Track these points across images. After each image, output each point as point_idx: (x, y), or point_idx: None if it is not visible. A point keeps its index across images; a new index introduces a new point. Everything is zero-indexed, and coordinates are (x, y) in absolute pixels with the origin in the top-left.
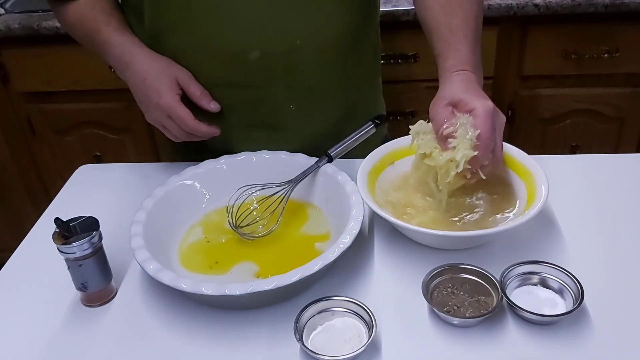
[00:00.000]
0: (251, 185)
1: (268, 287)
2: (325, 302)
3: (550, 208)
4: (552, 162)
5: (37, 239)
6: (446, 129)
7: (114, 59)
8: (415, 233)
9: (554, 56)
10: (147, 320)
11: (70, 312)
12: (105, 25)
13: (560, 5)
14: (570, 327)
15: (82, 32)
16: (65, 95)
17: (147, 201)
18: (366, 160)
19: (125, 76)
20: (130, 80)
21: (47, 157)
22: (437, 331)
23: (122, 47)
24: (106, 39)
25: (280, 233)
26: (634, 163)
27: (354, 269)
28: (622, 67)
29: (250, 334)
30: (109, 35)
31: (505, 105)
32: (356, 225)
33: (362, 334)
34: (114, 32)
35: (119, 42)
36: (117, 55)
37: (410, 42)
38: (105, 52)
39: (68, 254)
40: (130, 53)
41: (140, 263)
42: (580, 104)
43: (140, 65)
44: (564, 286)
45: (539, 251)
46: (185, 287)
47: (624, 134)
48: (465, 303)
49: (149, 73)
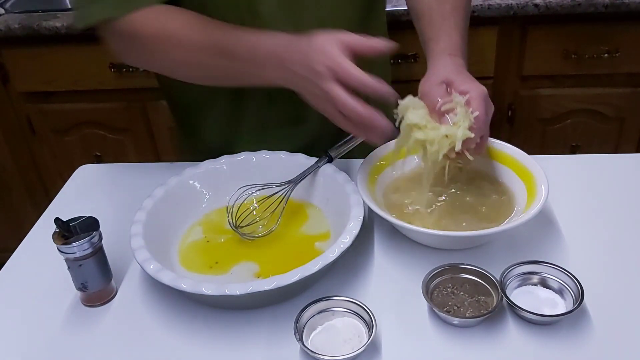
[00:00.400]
0: (251, 185)
1: (268, 287)
2: (325, 302)
3: (550, 208)
4: (552, 162)
5: (37, 239)
6: (444, 105)
7: (261, 60)
8: (415, 233)
9: (554, 56)
10: (147, 320)
11: (70, 312)
12: (232, 36)
13: (560, 5)
14: (570, 327)
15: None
16: (65, 95)
17: (147, 201)
18: (366, 160)
19: (284, 70)
20: (290, 68)
21: (47, 157)
22: (437, 331)
23: (260, 41)
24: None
25: (280, 233)
26: (634, 163)
27: (354, 269)
28: (622, 67)
29: (250, 334)
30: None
31: (505, 105)
32: (356, 225)
33: (362, 334)
34: (243, 36)
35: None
36: (264, 54)
37: (411, 42)
38: (246, 60)
39: (68, 254)
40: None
41: (140, 263)
42: (580, 104)
43: (300, 40)
44: (564, 286)
45: (539, 251)
46: (185, 287)
47: (624, 134)
48: (465, 303)
49: (311, 41)
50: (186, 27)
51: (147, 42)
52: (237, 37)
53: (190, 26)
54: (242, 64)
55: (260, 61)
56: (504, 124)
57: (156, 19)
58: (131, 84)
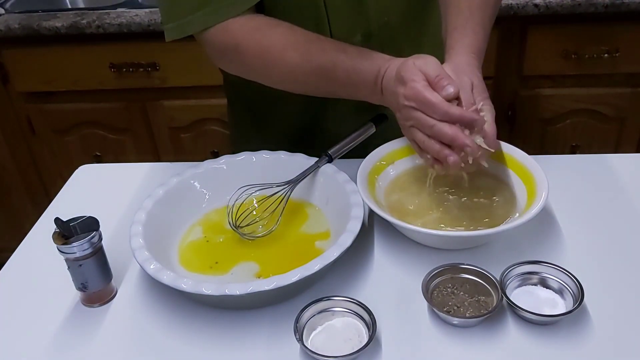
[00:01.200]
0: (251, 185)
1: (268, 287)
2: (325, 302)
3: (550, 208)
4: (552, 162)
5: (37, 239)
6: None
7: (370, 86)
8: (415, 233)
9: (554, 56)
10: (147, 320)
11: (70, 312)
12: (339, 52)
13: (561, 6)
14: (570, 327)
15: (310, 71)
16: (65, 95)
17: (147, 201)
18: (366, 160)
19: (378, 96)
20: (382, 97)
21: (47, 157)
22: (437, 331)
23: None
24: (352, 66)
25: (281, 233)
26: (634, 163)
27: (354, 269)
28: (622, 67)
29: (250, 334)
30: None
31: (505, 105)
32: (356, 225)
33: (362, 334)
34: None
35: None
36: (370, 79)
37: None
38: (355, 83)
39: (68, 254)
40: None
41: (140, 263)
42: (581, 104)
43: (391, 66)
44: (563, 286)
45: (539, 251)
46: (185, 287)
47: (624, 134)
48: (465, 303)
49: (401, 71)
50: (286, 46)
51: (247, 56)
52: (335, 60)
53: (290, 44)
54: (339, 86)
55: (355, 85)
56: (504, 124)
57: (259, 34)
58: (131, 84)
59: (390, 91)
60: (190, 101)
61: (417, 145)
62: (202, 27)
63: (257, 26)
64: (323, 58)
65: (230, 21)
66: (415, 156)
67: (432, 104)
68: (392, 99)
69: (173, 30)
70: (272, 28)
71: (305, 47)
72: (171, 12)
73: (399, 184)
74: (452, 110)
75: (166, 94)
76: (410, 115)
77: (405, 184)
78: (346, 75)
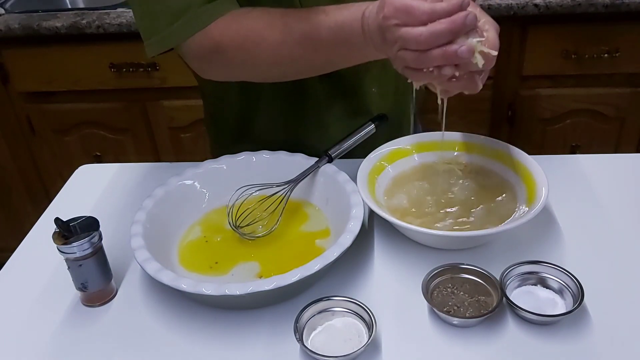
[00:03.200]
0: (251, 185)
1: (268, 287)
2: (325, 302)
3: (550, 208)
4: (552, 162)
5: (37, 239)
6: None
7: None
8: (415, 233)
9: (554, 56)
10: (147, 320)
11: (70, 312)
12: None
13: (560, 5)
14: (570, 327)
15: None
16: (65, 95)
17: (147, 201)
18: (366, 160)
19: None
20: (369, 36)
21: (47, 157)
22: (437, 331)
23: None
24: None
25: (281, 232)
26: (634, 163)
27: (354, 269)
28: (622, 67)
29: (250, 334)
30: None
31: (505, 105)
32: (356, 225)
33: (362, 334)
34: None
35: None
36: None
37: None
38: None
39: (68, 254)
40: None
41: (140, 263)
42: (580, 104)
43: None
44: (563, 286)
45: (539, 251)
46: (185, 287)
47: (624, 134)
48: (465, 303)
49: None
50: (268, 27)
51: (232, 50)
52: (316, 23)
53: (271, 25)
54: (330, 49)
55: (346, 41)
56: (504, 123)
57: (235, 25)
58: (131, 84)
59: (375, 27)
60: (190, 101)
61: (412, 71)
62: (184, 38)
63: (232, 18)
64: (303, 25)
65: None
66: (415, 156)
67: (412, 8)
68: (378, 37)
69: (155, 45)
70: (246, 15)
71: (282, 21)
72: (150, 27)
73: (399, 184)
74: (437, 7)
75: (166, 94)
76: (395, 36)
77: (405, 184)
78: (332, 34)
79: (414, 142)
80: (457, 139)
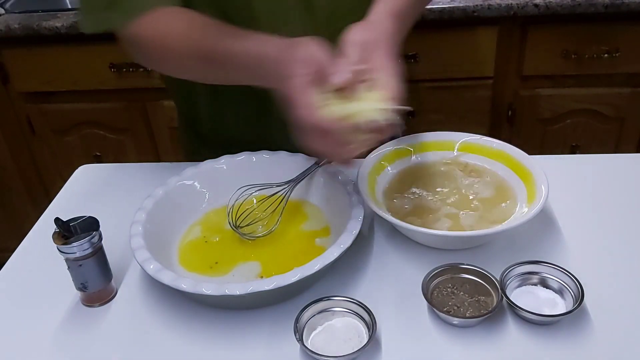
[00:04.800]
0: (251, 185)
1: (268, 287)
2: (325, 302)
3: (550, 208)
4: (552, 162)
5: (37, 239)
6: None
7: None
8: (415, 233)
9: (554, 56)
10: (147, 320)
11: (70, 312)
12: (237, 39)
13: (560, 5)
14: (570, 327)
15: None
16: (65, 95)
17: (147, 201)
18: (366, 160)
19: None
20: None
21: (47, 157)
22: (437, 331)
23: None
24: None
25: (281, 232)
26: (634, 163)
27: (354, 269)
28: (622, 67)
29: (250, 334)
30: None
31: (505, 106)
32: (356, 225)
33: (362, 334)
34: (256, 40)
35: (272, 44)
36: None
37: (411, 42)
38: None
39: (68, 254)
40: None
41: (140, 263)
42: (580, 104)
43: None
44: (563, 286)
45: (539, 251)
46: (185, 287)
47: (624, 134)
48: (465, 303)
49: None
50: (182, 35)
51: (146, 47)
52: (230, 46)
53: (187, 33)
54: (232, 72)
55: (251, 73)
56: (504, 123)
57: (158, 23)
58: (131, 84)
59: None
60: None
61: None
62: (116, 25)
63: (162, 16)
64: (217, 42)
65: (144, 18)
66: (415, 156)
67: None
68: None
69: (89, 24)
70: (175, 16)
71: (203, 33)
72: (88, 5)
73: (399, 184)
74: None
75: (166, 94)
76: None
77: (404, 184)
78: (242, 63)
79: (414, 142)
80: (457, 139)
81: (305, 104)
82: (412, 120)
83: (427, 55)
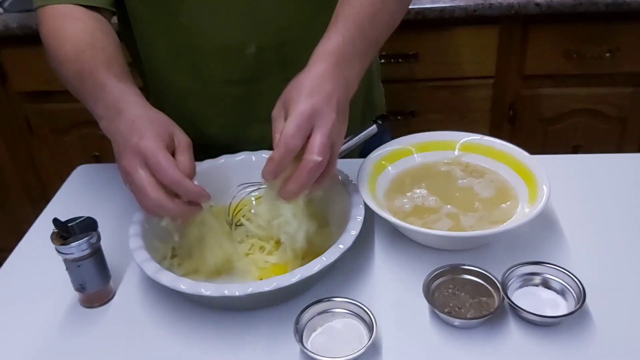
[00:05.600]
0: (250, 183)
1: (268, 287)
2: (326, 303)
3: (551, 208)
4: (553, 162)
5: (36, 239)
6: None
7: (106, 105)
8: (416, 233)
9: (556, 55)
10: (145, 321)
11: (68, 313)
12: (104, 67)
13: (562, 5)
14: (572, 328)
15: (74, 70)
16: (64, 95)
17: None
18: (366, 160)
19: (113, 126)
20: (117, 128)
21: (45, 157)
22: (438, 332)
23: (120, 93)
24: (102, 81)
25: None
26: (636, 163)
27: (355, 270)
28: (623, 66)
29: (250, 335)
30: (106, 78)
31: (507, 105)
32: (356, 226)
33: (362, 336)
34: (113, 77)
35: (117, 88)
36: (110, 102)
37: (411, 42)
38: (96, 97)
39: (66, 255)
40: (126, 100)
41: (139, 264)
42: (582, 103)
43: (134, 111)
44: (565, 287)
45: (540, 252)
46: (185, 287)
47: (626, 134)
48: (467, 304)
49: (141, 118)
50: (66, 44)
51: (43, 39)
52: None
53: (72, 45)
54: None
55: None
56: (505, 123)
57: (65, 22)
58: None
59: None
60: None
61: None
62: (36, 4)
63: (65, 13)
64: (88, 63)
65: (59, 5)
66: (416, 156)
67: (162, 167)
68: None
69: None
70: (78, 18)
71: (85, 51)
72: None
73: (399, 184)
74: (185, 183)
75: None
76: (132, 166)
77: (405, 184)
78: (94, 85)
79: (415, 142)
80: (458, 138)
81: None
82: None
83: (427, 54)
